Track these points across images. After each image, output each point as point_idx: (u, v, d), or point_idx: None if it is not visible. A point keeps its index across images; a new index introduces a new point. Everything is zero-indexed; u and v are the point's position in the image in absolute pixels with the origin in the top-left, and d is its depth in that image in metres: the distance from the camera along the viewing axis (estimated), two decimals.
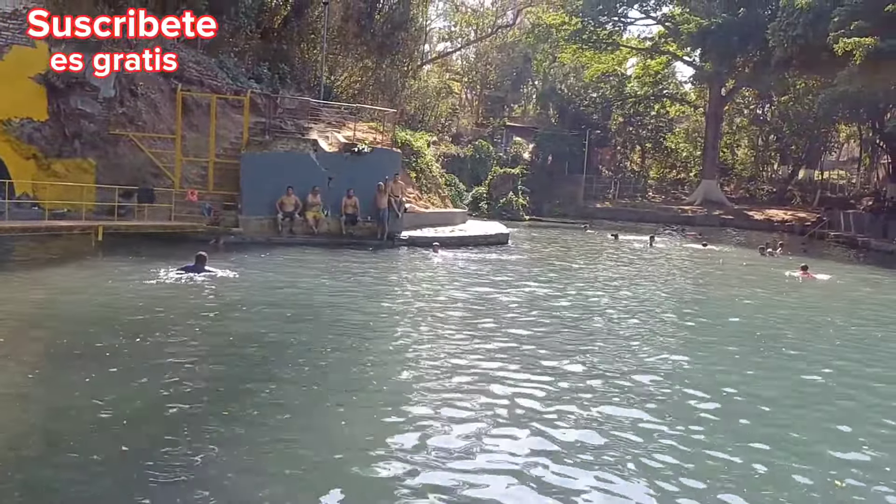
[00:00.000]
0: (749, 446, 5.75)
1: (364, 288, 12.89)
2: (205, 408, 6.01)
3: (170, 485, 4.57)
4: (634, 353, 8.79)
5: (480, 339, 9.02)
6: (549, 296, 13.20)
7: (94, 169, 18.67)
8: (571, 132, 52.93)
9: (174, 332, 8.62)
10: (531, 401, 6.60)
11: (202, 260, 12.60)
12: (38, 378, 6.68)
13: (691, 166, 59.81)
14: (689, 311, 12.76)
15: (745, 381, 7.75)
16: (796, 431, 6.24)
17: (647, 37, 56.86)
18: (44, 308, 9.77)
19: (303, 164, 19.84)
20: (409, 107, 43.86)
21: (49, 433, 5.38)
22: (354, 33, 35.90)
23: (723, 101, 52.09)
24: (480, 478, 4.94)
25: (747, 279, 18.28)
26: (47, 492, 4.47)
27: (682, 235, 34.28)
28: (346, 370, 7.42)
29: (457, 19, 63.55)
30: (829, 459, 5.63)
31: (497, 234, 24.43)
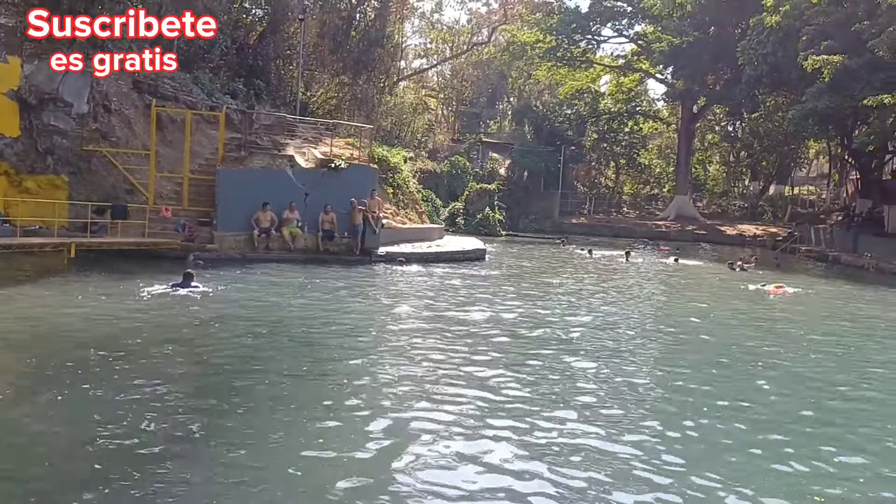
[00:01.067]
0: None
1: (340, 305, 12.83)
2: (177, 427, 5.92)
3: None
4: (615, 366, 8.85)
5: (459, 354, 9.01)
6: (526, 311, 13.24)
7: (67, 185, 18.43)
8: (547, 148, 53.32)
9: (147, 351, 8.50)
10: (506, 414, 6.60)
11: (189, 277, 12.77)
12: (8, 398, 6.55)
13: (664, 182, 60.57)
14: (667, 328, 12.86)
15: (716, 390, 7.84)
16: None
17: (620, 55, 57.73)
18: (15, 326, 9.59)
19: (279, 180, 19.77)
20: (385, 123, 43.94)
21: (16, 454, 5.27)
22: (330, 49, 36.00)
23: (695, 118, 52.92)
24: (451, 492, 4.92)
25: (718, 294, 18.50)
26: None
27: (657, 250, 34.60)
28: (321, 387, 7.37)
29: (432, 36, 63.92)
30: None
31: (474, 250, 24.50)
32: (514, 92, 67.44)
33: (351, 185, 20.36)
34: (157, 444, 5.49)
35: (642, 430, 6.44)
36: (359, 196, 20.25)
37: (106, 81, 19.81)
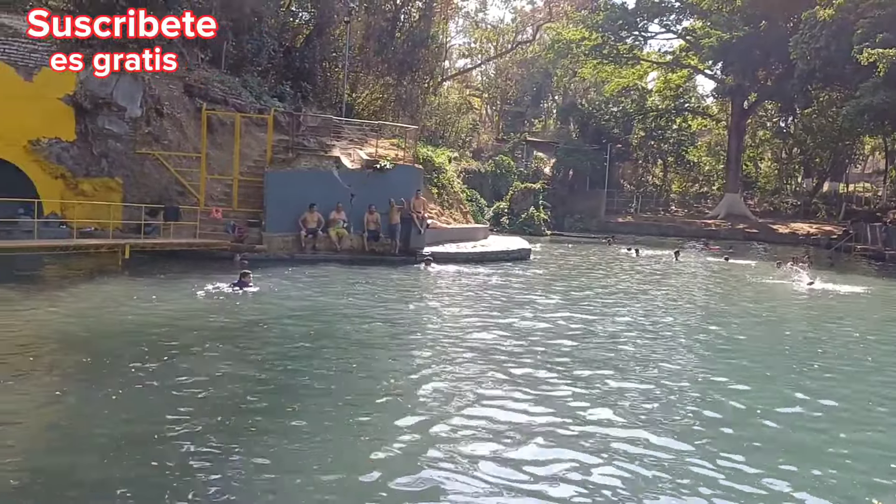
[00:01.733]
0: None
1: (386, 305, 12.90)
2: (229, 423, 6.03)
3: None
4: (664, 370, 8.72)
5: (504, 355, 8.98)
6: (573, 310, 13.13)
7: (121, 188, 18.93)
8: (592, 147, 52.86)
9: (201, 349, 8.68)
10: (558, 416, 6.55)
11: (246, 276, 13.17)
12: (64, 394, 6.75)
13: (714, 180, 59.44)
14: (716, 328, 12.61)
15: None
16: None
17: (667, 51, 56.84)
18: (71, 325, 9.88)
19: (325, 182, 19.99)
20: (429, 123, 44.11)
21: (72, 448, 5.43)
22: (375, 51, 36.24)
23: (745, 114, 51.81)
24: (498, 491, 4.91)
25: (767, 294, 18.08)
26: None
27: (707, 250, 33.96)
28: (369, 386, 7.42)
29: (476, 36, 63.93)
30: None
31: (519, 250, 24.40)
32: (559, 90, 67.01)
33: (396, 186, 20.47)
34: (208, 441, 5.59)
35: (697, 432, 6.34)
36: (405, 196, 20.35)
37: (158, 86, 20.32)
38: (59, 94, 18.05)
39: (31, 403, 6.43)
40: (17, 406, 6.32)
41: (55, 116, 18.01)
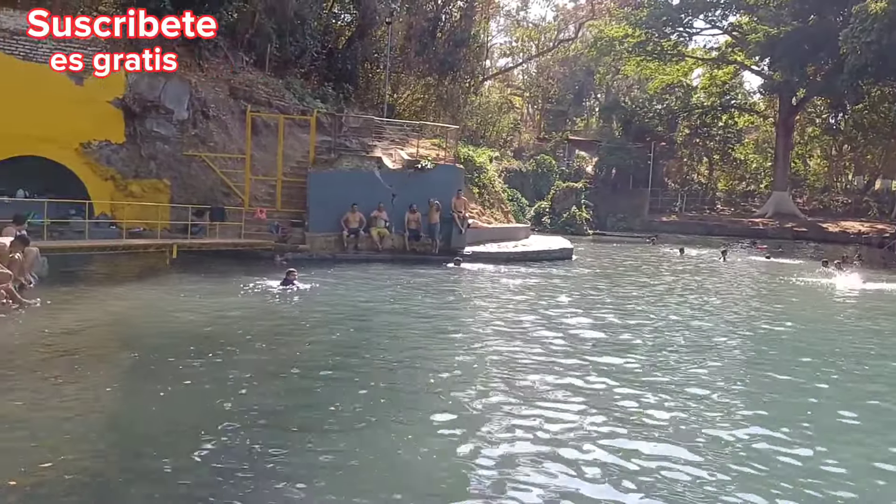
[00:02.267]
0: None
1: (429, 304, 12.94)
2: (275, 420, 6.11)
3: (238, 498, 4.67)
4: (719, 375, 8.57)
5: (547, 355, 8.93)
6: (619, 313, 13.00)
7: (169, 189, 19.34)
8: (636, 145, 52.27)
9: (246, 345, 8.81)
10: (605, 418, 6.49)
11: (291, 275, 13.40)
12: (115, 390, 6.92)
13: (761, 178, 58.25)
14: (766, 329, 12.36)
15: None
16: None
17: (713, 47, 56.02)
18: (122, 323, 10.14)
19: (367, 182, 20.14)
20: (470, 122, 44.11)
21: (122, 444, 5.56)
22: (416, 51, 36.35)
23: (794, 110, 50.64)
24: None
25: (807, 293, 17.65)
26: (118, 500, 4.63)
27: (754, 249, 33.27)
28: (413, 386, 7.45)
29: (518, 34, 63.75)
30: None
31: (561, 249, 24.25)
32: (601, 88, 66.42)
33: (436, 186, 20.53)
34: (253, 438, 5.68)
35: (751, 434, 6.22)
36: (446, 196, 20.40)
37: (204, 88, 20.72)
38: (109, 97, 18.50)
39: (84, 399, 6.60)
40: (71, 401, 6.50)
41: (105, 119, 18.47)
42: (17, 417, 6.02)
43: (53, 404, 6.41)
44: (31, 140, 16.84)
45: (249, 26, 24.61)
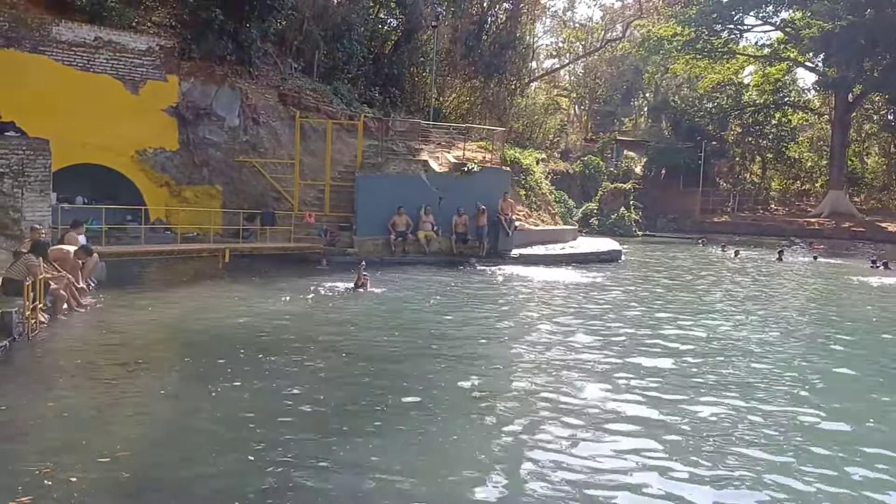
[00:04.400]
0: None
1: (476, 306, 12.94)
2: (327, 422, 6.18)
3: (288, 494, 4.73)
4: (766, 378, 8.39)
5: (597, 359, 8.84)
6: (670, 318, 12.81)
7: (221, 194, 19.75)
8: (686, 144, 51.39)
9: (298, 349, 8.92)
10: (654, 423, 6.41)
11: (364, 278, 14.12)
12: (168, 390, 7.07)
13: (817, 176, 56.55)
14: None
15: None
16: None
17: (765, 43, 54.52)
18: (175, 326, 10.38)
19: (414, 185, 20.23)
20: (516, 125, 43.93)
21: (175, 442, 5.68)
22: (462, 54, 36.38)
23: (850, 107, 49.06)
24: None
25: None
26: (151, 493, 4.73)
27: (812, 249, 32.32)
28: (462, 387, 7.45)
29: (564, 35, 63.29)
30: None
31: (609, 251, 23.98)
32: (650, 87, 65.42)
33: (483, 188, 20.50)
34: (305, 440, 5.75)
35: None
36: (492, 198, 20.37)
37: (254, 95, 21.09)
38: (163, 105, 19.01)
39: (140, 399, 6.77)
40: (126, 402, 6.68)
41: (159, 127, 18.97)
42: (75, 416, 6.20)
43: (109, 403, 6.59)
44: (89, 148, 17.38)
45: (298, 33, 24.96)
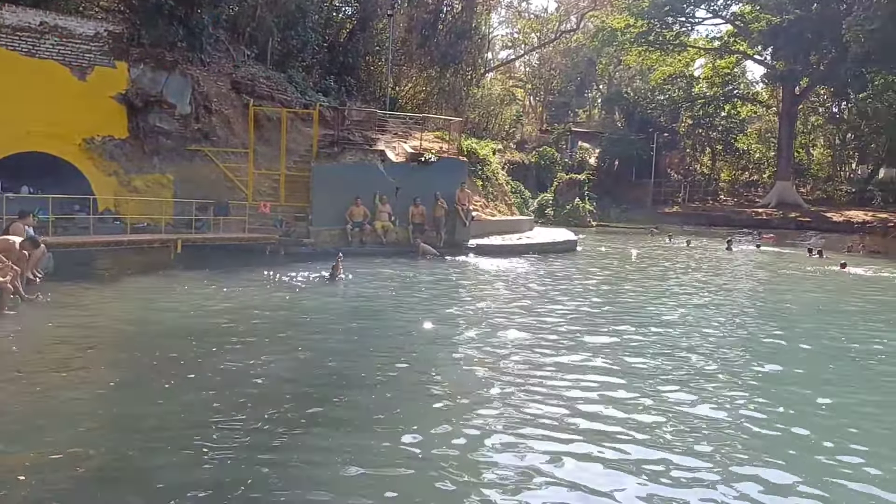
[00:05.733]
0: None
1: (432, 297, 12.93)
2: (280, 416, 6.10)
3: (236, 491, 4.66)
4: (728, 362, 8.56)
5: (552, 348, 8.92)
6: (628, 305, 12.99)
7: (172, 184, 19.31)
8: (638, 136, 52.15)
9: (246, 341, 8.79)
10: (600, 408, 6.48)
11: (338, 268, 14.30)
12: (118, 383, 6.89)
13: (765, 168, 58.00)
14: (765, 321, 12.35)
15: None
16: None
17: (715, 36, 55.66)
18: (126, 318, 10.12)
19: (371, 175, 20.10)
20: (473, 115, 44.00)
21: (129, 436, 5.55)
22: (418, 44, 36.28)
23: (797, 99, 50.39)
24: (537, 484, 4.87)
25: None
26: (107, 491, 4.62)
27: (761, 239, 33.16)
28: (415, 378, 7.44)
29: (520, 26, 63.54)
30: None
31: (565, 241, 24.21)
32: (603, 79, 66.20)
33: (440, 178, 20.49)
34: (258, 432, 5.67)
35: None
36: (449, 189, 20.36)
37: (206, 83, 20.66)
38: (112, 92, 18.49)
39: (88, 394, 6.59)
40: (73, 395, 6.50)
41: (108, 115, 18.45)
42: (22, 411, 6.02)
43: (57, 397, 6.40)
44: (35, 136, 16.84)
45: (251, 20, 24.54)
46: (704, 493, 4.89)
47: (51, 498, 4.48)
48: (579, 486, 4.93)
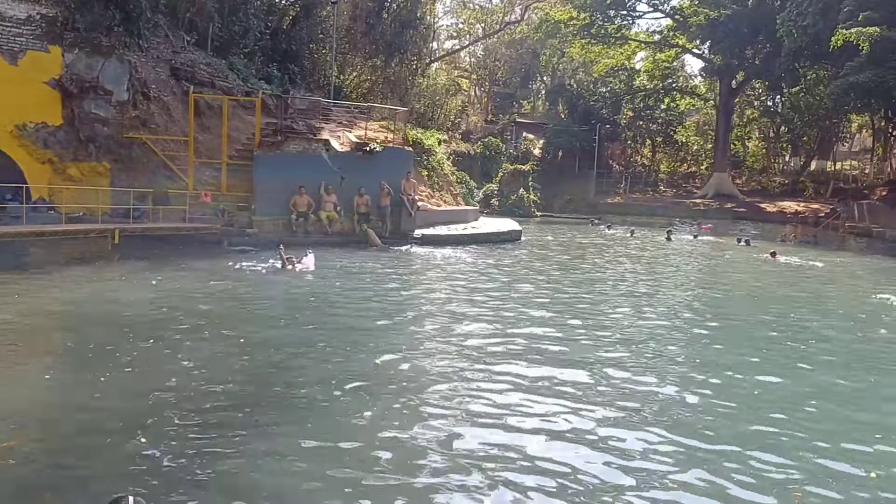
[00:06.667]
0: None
1: (378, 286, 12.95)
2: (218, 410, 6.07)
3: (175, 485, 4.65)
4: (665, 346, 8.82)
5: (496, 337, 9.06)
6: (563, 293, 13.23)
7: (109, 172, 18.78)
8: (581, 127, 52.81)
9: (187, 333, 8.69)
10: (539, 395, 6.64)
11: (291, 260, 14.39)
12: (53, 378, 6.76)
13: (702, 159, 59.52)
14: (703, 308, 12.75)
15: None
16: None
17: (655, 30, 56.69)
18: (61, 311, 9.88)
19: (315, 164, 19.94)
20: (418, 105, 43.87)
21: (57, 431, 5.45)
22: (363, 32, 35.99)
23: (733, 93, 51.82)
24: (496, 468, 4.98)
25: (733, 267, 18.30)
26: (45, 489, 4.55)
27: (699, 229, 34.01)
28: (361, 370, 7.47)
29: (465, 16, 63.57)
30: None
31: (510, 231, 24.44)
32: (547, 71, 66.74)
33: (385, 168, 20.43)
34: (198, 423, 5.63)
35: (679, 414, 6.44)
36: (395, 178, 20.33)
37: (144, 69, 20.12)
38: (45, 78, 17.86)
39: (22, 388, 6.44)
40: (7, 391, 6.34)
41: (41, 101, 17.81)
42: None
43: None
44: None
45: (190, 5, 23.97)
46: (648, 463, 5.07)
47: None
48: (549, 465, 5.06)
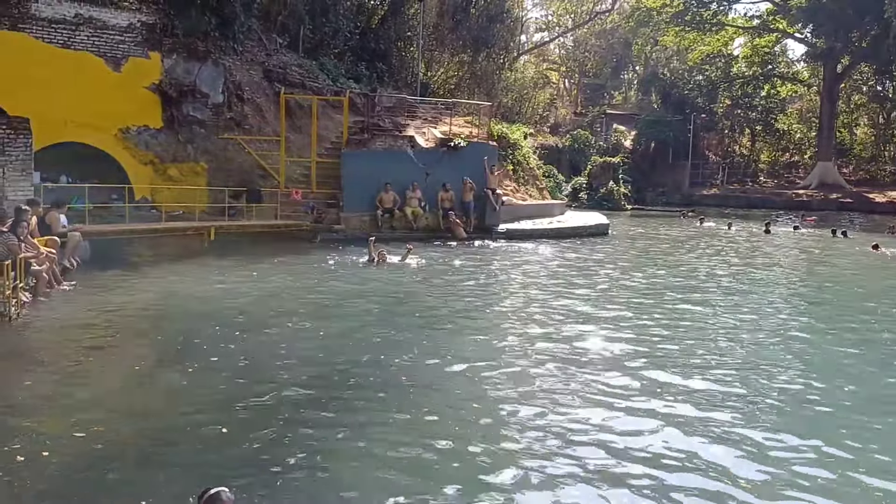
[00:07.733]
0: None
1: (463, 282, 12.99)
2: (312, 402, 6.23)
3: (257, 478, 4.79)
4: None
5: (582, 334, 8.93)
6: (653, 287, 12.90)
7: (206, 172, 19.61)
8: (675, 117, 51.27)
9: (281, 326, 8.97)
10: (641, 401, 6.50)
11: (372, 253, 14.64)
12: (145, 371, 7.11)
13: (805, 148, 56.65)
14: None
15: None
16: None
17: (754, 14, 54.26)
18: (159, 305, 10.38)
19: (400, 161, 20.18)
20: (505, 99, 43.73)
21: (150, 425, 5.73)
22: (450, 28, 36.12)
23: (838, 78, 49.00)
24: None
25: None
26: (131, 474, 4.78)
27: (804, 221, 32.33)
28: (441, 364, 7.51)
29: (554, 8, 62.80)
30: None
31: (597, 225, 24.03)
32: (639, 60, 65.16)
33: (470, 163, 20.45)
34: (285, 410, 5.81)
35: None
36: (479, 174, 20.33)
37: (238, 72, 20.91)
38: (146, 83, 18.80)
39: (119, 378, 6.81)
40: (107, 380, 6.72)
41: (143, 105, 18.77)
42: (56, 393, 6.25)
43: (90, 382, 6.63)
44: (73, 126, 17.19)
45: (282, 8, 24.72)
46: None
47: (85, 468, 4.68)
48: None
